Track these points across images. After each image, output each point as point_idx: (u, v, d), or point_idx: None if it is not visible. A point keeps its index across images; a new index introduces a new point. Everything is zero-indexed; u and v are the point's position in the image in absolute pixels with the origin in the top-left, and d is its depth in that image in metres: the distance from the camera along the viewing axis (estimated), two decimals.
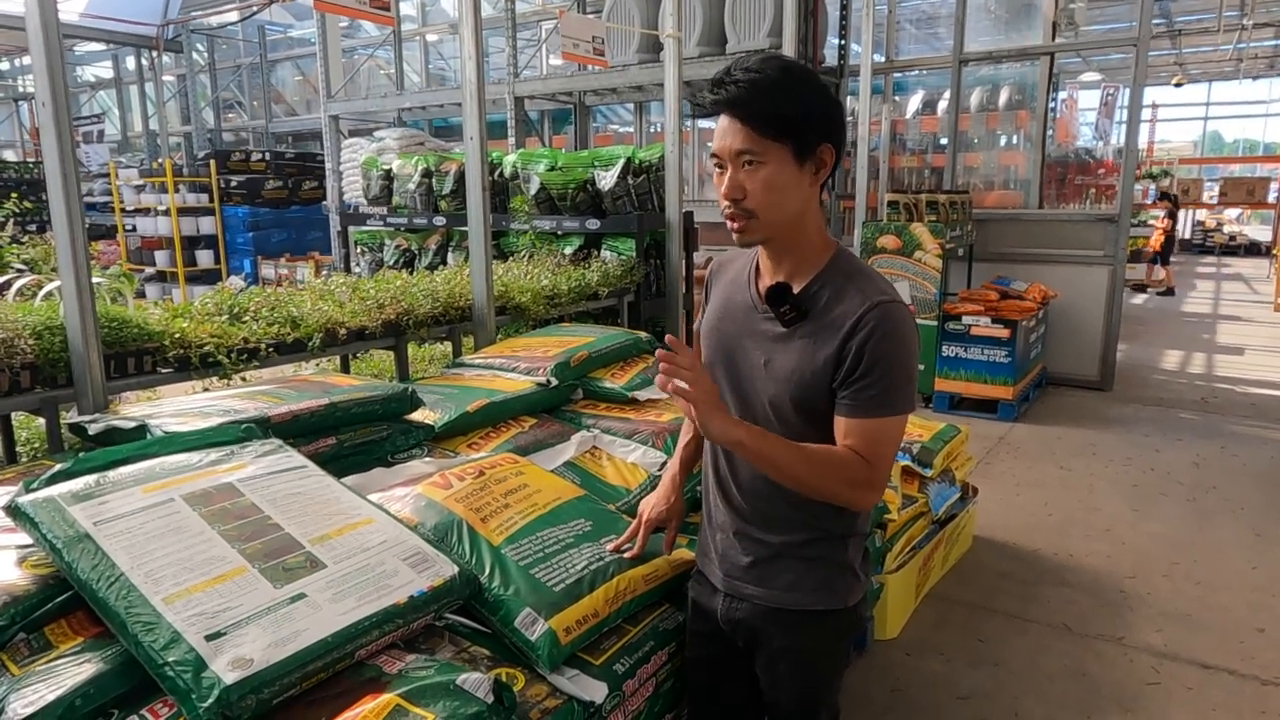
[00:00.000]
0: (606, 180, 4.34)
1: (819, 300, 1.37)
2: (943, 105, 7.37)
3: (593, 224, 4.30)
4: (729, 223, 1.37)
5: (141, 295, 9.49)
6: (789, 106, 1.29)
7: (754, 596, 1.49)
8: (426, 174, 5.13)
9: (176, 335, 2.34)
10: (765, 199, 1.32)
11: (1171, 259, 12.43)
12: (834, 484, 1.33)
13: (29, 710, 1.14)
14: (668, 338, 1.31)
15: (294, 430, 1.86)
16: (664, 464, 2.20)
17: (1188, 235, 19.26)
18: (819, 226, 1.41)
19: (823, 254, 1.40)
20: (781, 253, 1.41)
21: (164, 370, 2.32)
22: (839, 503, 1.38)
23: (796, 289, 1.38)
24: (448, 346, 3.45)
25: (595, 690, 1.43)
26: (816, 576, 1.47)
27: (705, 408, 1.27)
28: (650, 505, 1.72)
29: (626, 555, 1.65)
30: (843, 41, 7.21)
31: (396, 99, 9.04)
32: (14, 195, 6.75)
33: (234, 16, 12.99)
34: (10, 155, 16.60)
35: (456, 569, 1.45)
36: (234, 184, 10.93)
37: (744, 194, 1.32)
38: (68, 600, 1.34)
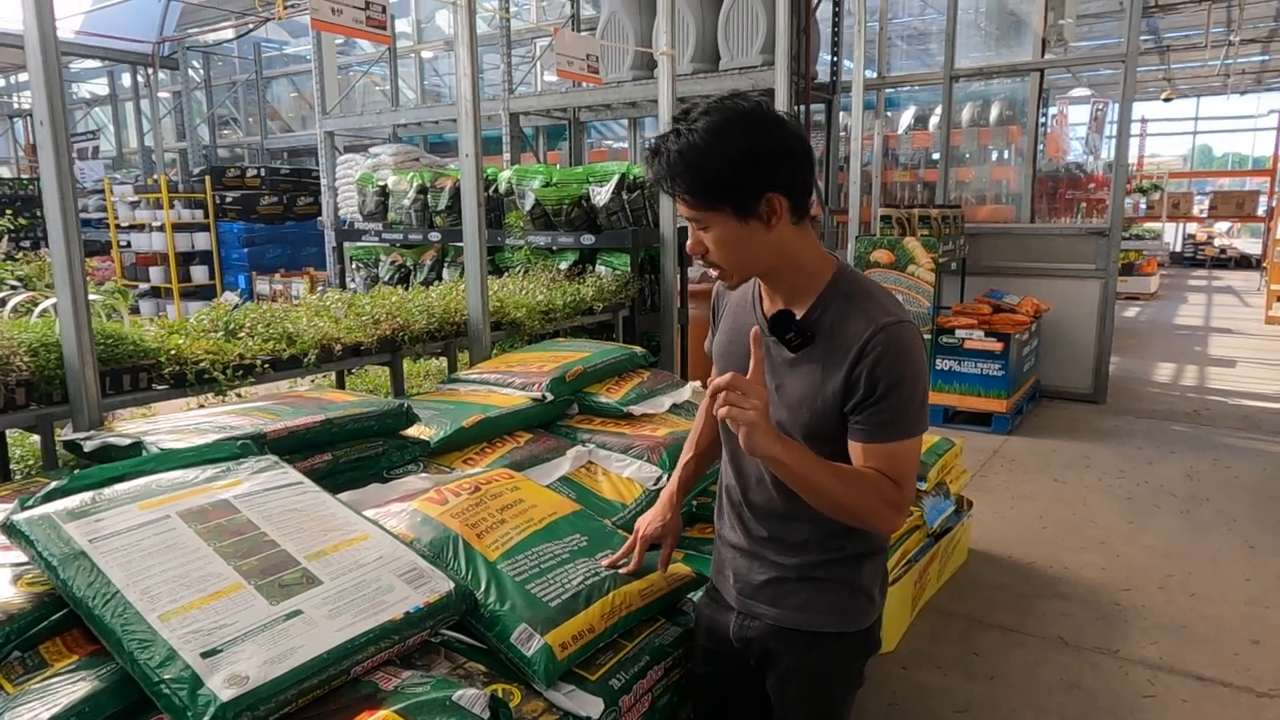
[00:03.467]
0: (601, 196, 4.37)
1: (823, 323, 1.36)
2: (934, 120, 7.44)
3: (588, 239, 4.32)
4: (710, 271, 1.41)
5: (136, 311, 9.48)
6: (716, 173, 1.27)
7: (766, 615, 1.49)
8: (422, 190, 5.15)
9: (172, 352, 2.35)
10: (724, 255, 1.35)
11: (1163, 271, 12.52)
12: (868, 504, 1.31)
13: None
14: (753, 331, 1.31)
15: (290, 446, 1.87)
16: (659, 478, 2.21)
17: (1179, 248, 19.39)
18: (810, 252, 1.38)
19: (821, 275, 1.38)
20: (775, 284, 1.41)
21: (159, 387, 2.32)
22: (869, 524, 1.37)
23: (799, 314, 1.37)
24: (443, 362, 3.46)
25: (591, 706, 1.43)
26: (830, 598, 1.46)
27: (753, 426, 1.24)
28: (646, 522, 1.72)
29: (622, 571, 1.66)
30: (835, 58, 7.28)
31: (392, 115, 9.07)
32: (8, 212, 6.76)
33: (230, 34, 13.04)
34: (4, 171, 16.59)
35: (452, 585, 1.45)
36: (229, 200, 10.94)
37: (705, 250, 1.36)
38: (63, 618, 1.33)
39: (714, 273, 1.40)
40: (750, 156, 1.27)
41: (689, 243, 1.39)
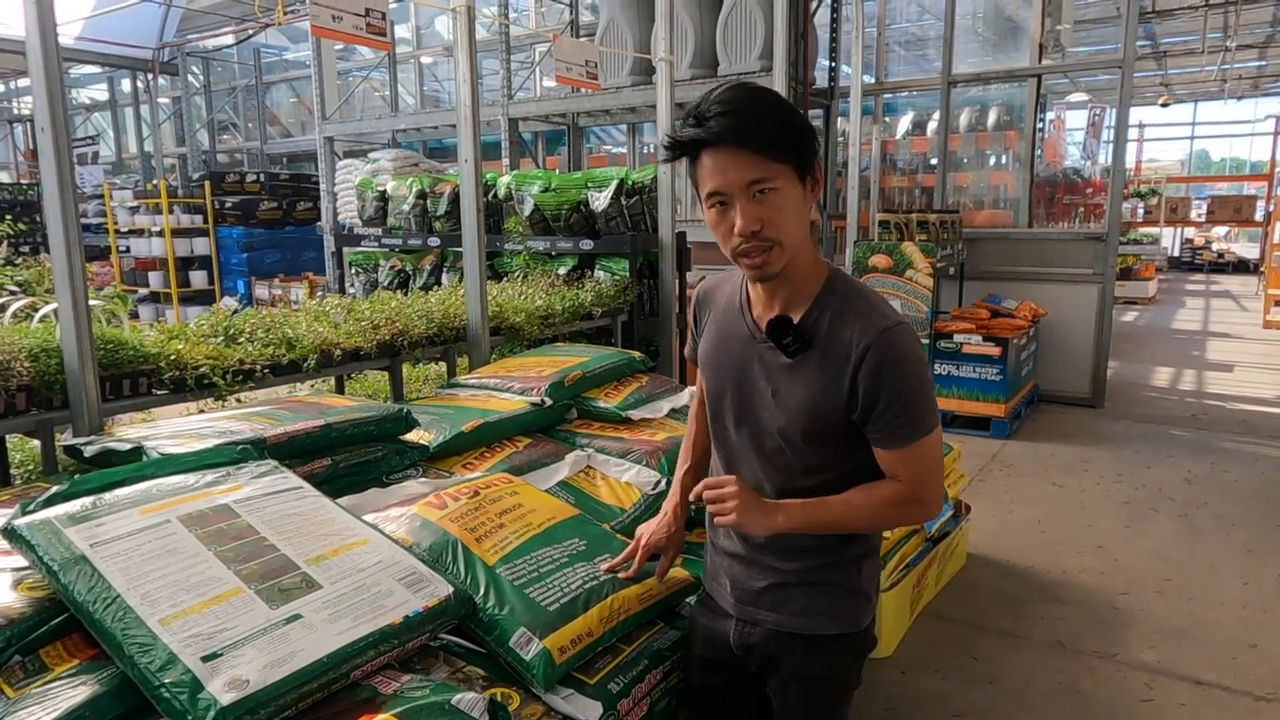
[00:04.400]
0: (600, 201, 4.38)
1: (820, 328, 1.35)
2: (932, 126, 7.46)
3: (586, 244, 4.33)
4: (746, 259, 1.30)
5: (135, 316, 9.47)
6: (786, 123, 1.27)
7: (768, 622, 1.49)
8: (421, 195, 5.16)
9: (172, 357, 2.35)
10: (783, 224, 1.27)
11: (1160, 276, 12.54)
12: (886, 516, 1.39)
13: None
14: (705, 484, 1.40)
15: (290, 451, 1.87)
16: (658, 483, 2.22)
17: (1176, 253, 19.43)
18: (812, 249, 1.39)
19: (816, 278, 1.38)
20: (777, 286, 1.37)
21: (159, 392, 2.32)
22: (904, 525, 1.43)
23: (795, 318, 1.37)
24: (442, 367, 3.46)
25: (590, 710, 1.43)
26: (829, 601, 1.47)
27: (746, 518, 1.34)
28: (650, 530, 1.71)
29: (621, 576, 1.66)
30: (833, 64, 7.30)
31: (391, 120, 9.10)
32: (8, 217, 6.77)
33: (229, 39, 13.08)
34: (4, 176, 16.59)
35: (451, 589, 1.46)
36: (228, 205, 10.96)
37: (760, 225, 1.27)
38: (64, 622, 1.34)
39: (757, 259, 1.29)
40: (801, 119, 1.31)
41: (741, 223, 1.26)
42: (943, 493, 1.41)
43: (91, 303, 2.35)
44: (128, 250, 11.27)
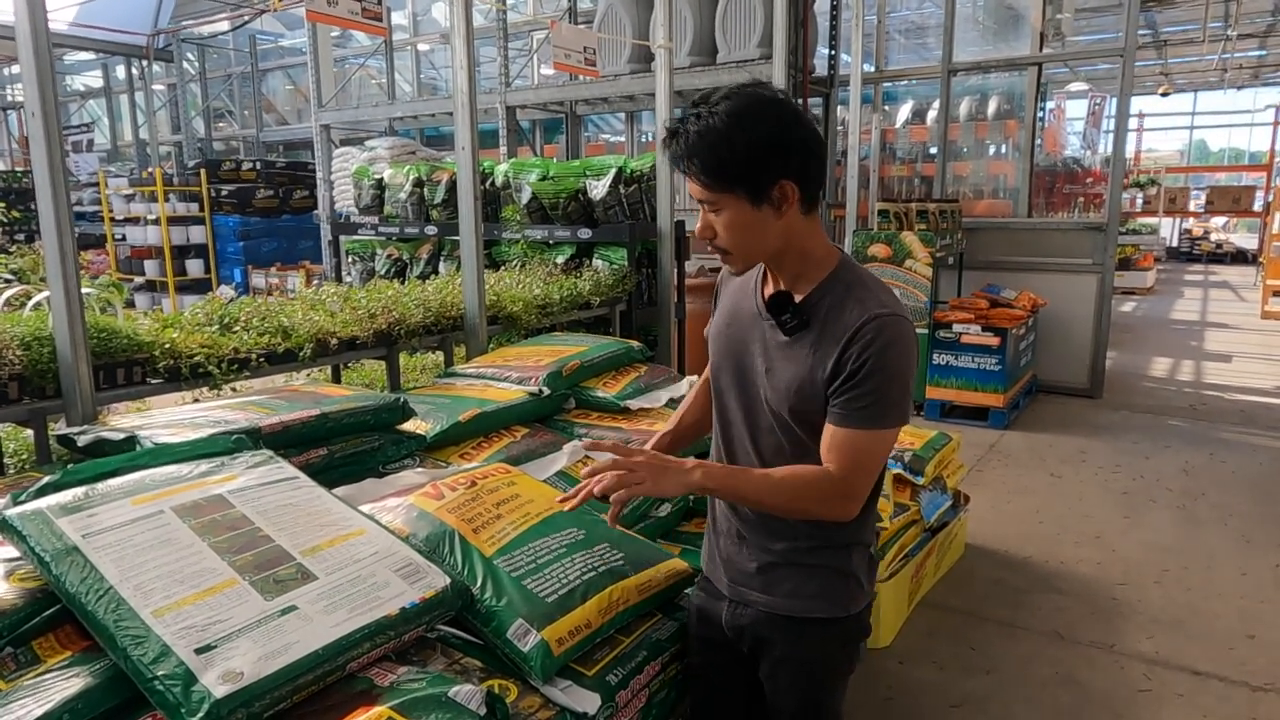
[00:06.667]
0: (598, 189, 4.35)
1: (820, 309, 1.38)
2: (932, 115, 7.42)
3: (584, 233, 4.31)
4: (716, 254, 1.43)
5: (131, 305, 9.44)
6: (734, 156, 1.29)
7: (758, 602, 1.51)
8: (418, 183, 5.13)
9: (166, 345, 2.33)
10: (733, 239, 1.37)
11: (1159, 266, 12.51)
12: (804, 504, 1.37)
13: None
14: (585, 443, 1.37)
15: (285, 441, 1.86)
16: None
17: (1175, 243, 19.41)
18: (816, 241, 1.41)
19: (825, 264, 1.41)
20: (779, 270, 1.44)
21: (154, 381, 2.31)
22: (816, 519, 1.41)
23: (798, 298, 1.40)
24: (439, 356, 3.45)
25: (588, 701, 1.42)
26: (819, 583, 1.48)
27: (654, 482, 1.33)
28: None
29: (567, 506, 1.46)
30: (832, 51, 7.26)
31: (388, 108, 9.04)
32: (2, 205, 6.73)
33: (225, 26, 12.99)
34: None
35: (448, 580, 1.44)
36: (224, 193, 10.90)
37: (714, 234, 1.38)
38: (56, 614, 1.32)
39: (719, 257, 1.42)
40: (769, 143, 1.30)
41: (698, 226, 1.40)
42: (864, 495, 1.39)
43: (85, 291, 2.33)
44: (123, 238, 11.20)
